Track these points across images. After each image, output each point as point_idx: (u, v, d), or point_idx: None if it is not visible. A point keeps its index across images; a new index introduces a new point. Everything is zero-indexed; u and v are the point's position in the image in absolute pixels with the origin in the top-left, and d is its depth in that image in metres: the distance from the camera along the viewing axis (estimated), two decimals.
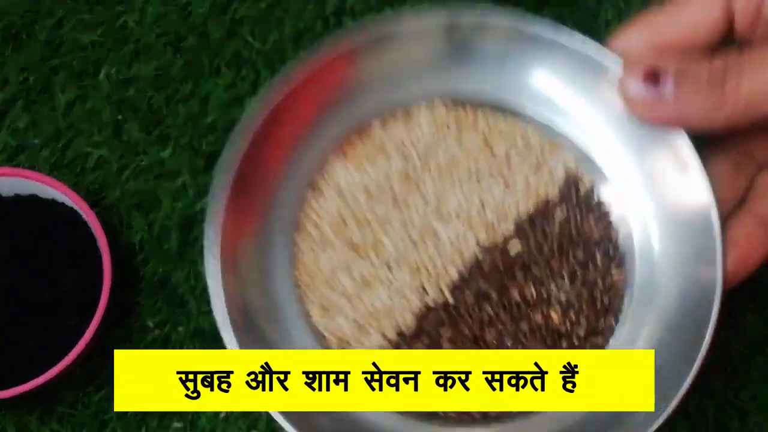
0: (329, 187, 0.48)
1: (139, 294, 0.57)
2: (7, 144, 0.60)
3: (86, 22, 0.62)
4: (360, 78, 0.48)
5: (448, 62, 0.48)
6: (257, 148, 0.46)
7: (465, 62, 0.48)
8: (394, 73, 0.48)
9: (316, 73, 0.46)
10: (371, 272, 0.47)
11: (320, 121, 0.47)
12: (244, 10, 0.62)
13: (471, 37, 0.47)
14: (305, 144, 0.48)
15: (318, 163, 0.48)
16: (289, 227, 0.47)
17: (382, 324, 0.46)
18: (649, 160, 0.46)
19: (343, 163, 0.48)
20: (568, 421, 0.45)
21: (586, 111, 0.47)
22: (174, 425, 0.54)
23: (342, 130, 0.48)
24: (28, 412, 0.55)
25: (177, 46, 0.61)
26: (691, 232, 0.44)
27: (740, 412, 0.53)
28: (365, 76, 0.48)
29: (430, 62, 0.48)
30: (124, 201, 0.58)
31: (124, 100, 0.60)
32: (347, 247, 0.47)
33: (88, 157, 0.59)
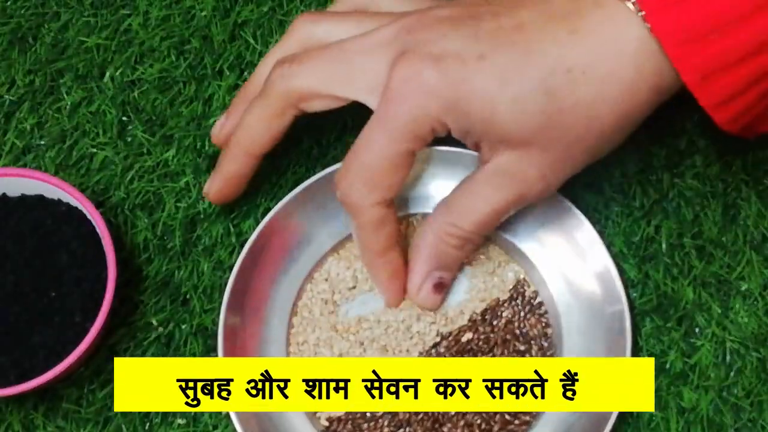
0: (322, 278, 0.56)
1: (142, 293, 0.57)
2: (13, 145, 0.60)
3: (91, 26, 0.63)
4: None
5: (432, 185, 0.57)
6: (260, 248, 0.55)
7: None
8: None
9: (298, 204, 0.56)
10: (348, 349, 0.55)
11: (318, 230, 0.56)
12: (247, 13, 0.62)
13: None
14: (305, 247, 0.56)
15: (317, 261, 0.56)
16: (288, 310, 0.56)
17: None
18: (577, 277, 0.55)
19: (336, 259, 0.56)
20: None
21: (534, 232, 0.55)
22: (177, 422, 0.55)
23: (338, 236, 0.56)
24: (33, 408, 0.55)
25: (180, 48, 0.62)
26: (607, 330, 0.53)
27: (735, 408, 0.53)
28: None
29: (422, 183, 0.57)
30: (129, 201, 0.59)
31: (128, 102, 0.61)
32: (330, 327, 0.55)
33: (93, 158, 0.60)
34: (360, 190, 0.50)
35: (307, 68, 0.51)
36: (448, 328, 0.55)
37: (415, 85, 0.48)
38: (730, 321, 0.54)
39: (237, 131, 0.54)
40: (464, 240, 0.52)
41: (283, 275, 0.56)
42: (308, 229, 0.56)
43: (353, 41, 0.51)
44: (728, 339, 0.54)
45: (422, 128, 0.49)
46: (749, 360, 0.54)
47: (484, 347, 0.54)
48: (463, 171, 0.53)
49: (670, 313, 0.55)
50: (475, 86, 0.47)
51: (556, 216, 0.54)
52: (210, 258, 0.57)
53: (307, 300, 0.56)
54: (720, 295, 0.55)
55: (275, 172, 0.59)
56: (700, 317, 0.55)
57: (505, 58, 0.47)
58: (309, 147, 0.59)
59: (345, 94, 0.51)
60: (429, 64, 0.47)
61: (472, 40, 0.48)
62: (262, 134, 0.53)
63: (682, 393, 0.53)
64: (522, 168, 0.49)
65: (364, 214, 0.51)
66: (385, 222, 0.51)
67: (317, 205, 0.56)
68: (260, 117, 0.53)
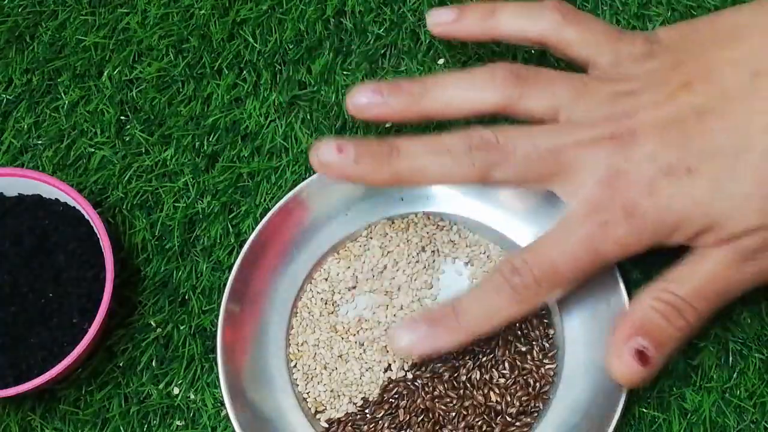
0: (321, 278, 0.56)
1: (141, 293, 0.57)
2: (11, 144, 0.60)
3: (89, 24, 0.62)
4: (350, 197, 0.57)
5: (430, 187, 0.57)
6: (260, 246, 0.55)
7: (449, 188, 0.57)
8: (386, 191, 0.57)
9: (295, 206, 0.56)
10: (348, 350, 0.54)
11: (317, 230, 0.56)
12: (246, 11, 0.62)
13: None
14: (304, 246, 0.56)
15: (317, 261, 0.56)
16: (287, 310, 0.55)
17: (353, 392, 0.54)
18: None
19: (336, 259, 0.56)
20: None
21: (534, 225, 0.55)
22: (176, 423, 0.54)
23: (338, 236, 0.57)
24: (30, 410, 0.55)
25: (179, 47, 0.62)
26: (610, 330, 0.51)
27: (738, 409, 0.53)
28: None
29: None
30: (127, 201, 0.59)
31: (126, 101, 0.61)
32: (330, 328, 0.55)
33: (91, 158, 0.60)
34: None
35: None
36: None
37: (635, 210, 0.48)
38: (733, 322, 0.54)
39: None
40: (676, 308, 0.49)
41: (282, 275, 0.56)
42: (308, 228, 0.56)
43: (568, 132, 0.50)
44: (731, 340, 0.54)
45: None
46: (752, 361, 0.53)
47: (486, 349, 0.54)
48: None
49: None
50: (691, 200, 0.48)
51: (555, 214, 0.54)
52: (209, 258, 0.57)
53: (307, 300, 0.56)
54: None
55: (274, 172, 0.58)
56: None
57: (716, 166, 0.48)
58: (308, 147, 0.59)
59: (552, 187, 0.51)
60: (645, 189, 0.48)
61: (682, 151, 0.48)
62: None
63: (684, 394, 0.53)
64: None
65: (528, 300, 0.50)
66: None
67: (317, 205, 0.56)
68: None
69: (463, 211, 0.57)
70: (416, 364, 0.54)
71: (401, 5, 0.62)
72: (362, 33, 0.62)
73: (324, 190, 0.55)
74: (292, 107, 0.60)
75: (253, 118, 0.60)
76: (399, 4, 0.62)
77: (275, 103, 0.60)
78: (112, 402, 0.55)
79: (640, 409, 0.53)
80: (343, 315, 0.55)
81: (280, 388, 0.54)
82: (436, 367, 0.54)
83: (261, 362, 0.54)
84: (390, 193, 0.57)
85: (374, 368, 0.54)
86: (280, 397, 0.54)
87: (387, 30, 0.62)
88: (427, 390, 0.53)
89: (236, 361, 0.53)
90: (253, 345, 0.54)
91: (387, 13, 0.62)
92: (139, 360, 0.55)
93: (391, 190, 0.57)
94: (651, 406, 0.53)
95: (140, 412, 0.55)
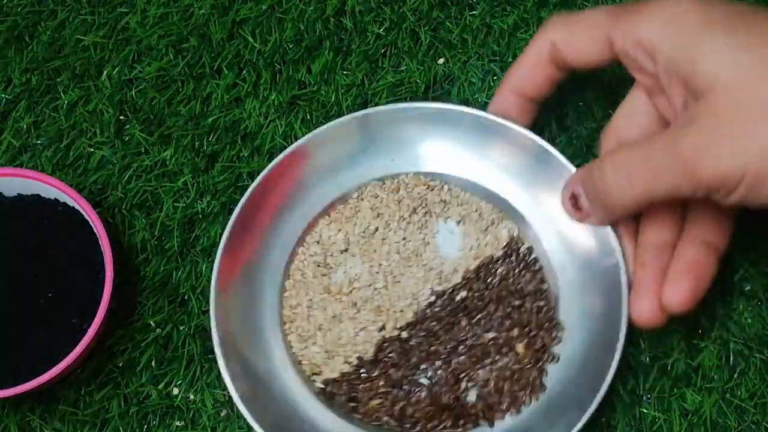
0: (313, 241, 0.57)
1: (140, 293, 0.57)
2: (10, 144, 0.60)
3: (88, 24, 0.62)
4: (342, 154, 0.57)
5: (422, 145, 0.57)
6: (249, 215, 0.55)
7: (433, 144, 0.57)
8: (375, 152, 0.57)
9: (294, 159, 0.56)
10: (342, 311, 0.55)
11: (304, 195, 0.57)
12: (245, 11, 0.62)
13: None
14: (296, 209, 0.56)
15: (308, 224, 0.57)
16: (280, 274, 0.56)
17: (347, 352, 0.54)
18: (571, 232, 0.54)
19: (327, 222, 0.57)
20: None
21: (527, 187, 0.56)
22: (175, 424, 0.54)
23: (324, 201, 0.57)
24: (30, 410, 0.55)
25: (178, 47, 0.62)
26: (602, 283, 0.53)
27: (738, 410, 0.53)
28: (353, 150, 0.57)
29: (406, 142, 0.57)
30: (126, 201, 0.58)
31: (126, 101, 0.61)
32: (323, 290, 0.55)
33: (91, 158, 0.60)
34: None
35: None
36: (443, 287, 0.55)
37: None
38: (734, 322, 0.54)
39: None
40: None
41: (274, 237, 0.56)
42: (298, 191, 0.56)
43: None
44: (732, 340, 0.54)
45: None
46: (753, 361, 0.53)
47: (479, 305, 0.54)
48: (452, 128, 0.55)
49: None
50: None
51: (549, 172, 0.54)
52: (208, 258, 0.57)
53: (299, 263, 0.56)
54: (723, 297, 0.55)
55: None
56: (703, 318, 0.54)
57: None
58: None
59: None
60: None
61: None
62: None
63: (685, 395, 0.53)
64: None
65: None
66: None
67: (307, 168, 0.56)
68: None
69: (454, 171, 0.57)
70: (410, 323, 0.54)
71: (401, 5, 0.62)
72: (362, 33, 0.62)
73: (315, 151, 0.56)
74: (292, 107, 0.60)
75: (253, 117, 0.60)
76: (399, 4, 0.62)
77: (275, 102, 0.60)
78: (111, 402, 0.55)
79: (641, 410, 0.53)
80: (336, 276, 0.56)
81: (275, 349, 0.54)
82: (431, 326, 0.54)
83: (254, 324, 0.55)
84: (380, 154, 0.57)
85: (368, 328, 0.54)
86: (274, 358, 0.54)
87: (387, 30, 0.61)
88: (422, 348, 0.53)
89: (230, 324, 0.53)
90: (246, 309, 0.54)
91: (387, 12, 0.62)
92: (138, 360, 0.55)
93: (381, 151, 0.57)
94: (651, 406, 0.53)
95: (140, 413, 0.55)
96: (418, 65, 0.61)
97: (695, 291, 0.48)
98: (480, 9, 0.62)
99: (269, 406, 0.52)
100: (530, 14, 0.61)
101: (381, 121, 0.56)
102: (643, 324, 0.49)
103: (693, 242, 0.50)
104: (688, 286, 0.48)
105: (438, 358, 0.54)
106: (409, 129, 0.56)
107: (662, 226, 0.51)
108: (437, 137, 0.56)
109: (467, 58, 0.61)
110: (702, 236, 0.50)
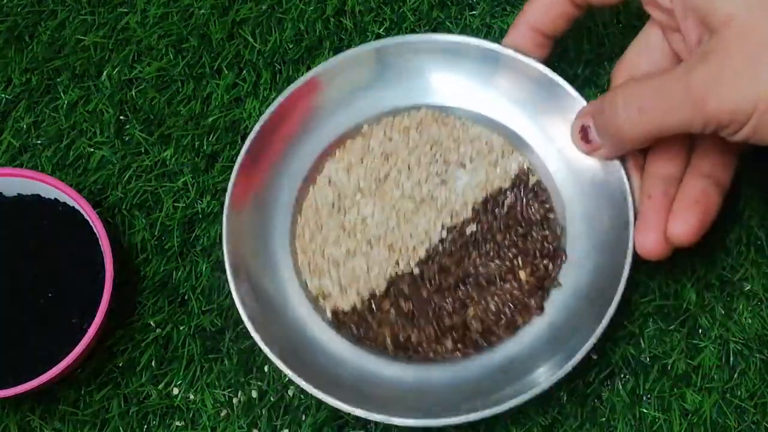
0: (325, 180, 0.57)
1: (140, 293, 0.57)
2: (10, 144, 0.60)
3: (88, 24, 0.62)
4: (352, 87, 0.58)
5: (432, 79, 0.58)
6: (263, 142, 0.55)
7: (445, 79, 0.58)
8: (386, 84, 0.58)
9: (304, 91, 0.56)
10: (355, 246, 0.55)
11: (316, 125, 0.57)
12: (245, 11, 0.62)
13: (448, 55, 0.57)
14: (307, 140, 0.57)
15: (315, 161, 0.57)
16: (290, 210, 0.56)
17: (360, 286, 0.55)
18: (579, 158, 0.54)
19: (337, 161, 0.57)
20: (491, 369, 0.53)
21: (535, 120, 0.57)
22: (175, 424, 0.54)
23: (335, 132, 0.57)
24: (30, 410, 0.55)
25: (178, 47, 0.62)
26: (609, 199, 0.53)
27: (738, 410, 0.53)
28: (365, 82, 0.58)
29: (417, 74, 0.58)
30: (126, 201, 0.58)
31: (126, 101, 0.61)
32: (338, 226, 0.56)
33: (91, 158, 0.59)
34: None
35: None
36: (453, 222, 0.56)
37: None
38: (734, 322, 0.54)
39: None
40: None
41: (285, 167, 0.56)
42: (311, 121, 0.57)
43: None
44: (732, 340, 0.54)
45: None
46: (753, 361, 0.53)
47: (488, 236, 0.55)
48: (464, 61, 0.56)
49: (673, 315, 0.54)
50: None
51: (559, 103, 0.55)
52: (208, 258, 0.57)
53: (312, 201, 0.57)
54: (723, 297, 0.55)
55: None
56: (703, 318, 0.54)
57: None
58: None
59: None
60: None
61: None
62: None
63: (685, 395, 0.53)
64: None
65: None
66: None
67: (319, 98, 0.57)
68: None
69: (465, 104, 0.58)
70: (422, 260, 0.55)
71: (401, 5, 0.62)
72: (362, 33, 0.62)
73: (328, 82, 0.56)
74: None
75: (253, 117, 0.60)
76: (399, 4, 0.62)
77: None
78: (111, 402, 0.55)
79: (641, 410, 0.53)
80: (349, 215, 0.56)
81: (285, 273, 0.55)
82: (442, 261, 0.55)
83: (265, 249, 0.55)
84: (392, 87, 0.58)
85: (382, 264, 0.55)
86: (285, 282, 0.55)
87: (387, 30, 0.61)
88: (433, 283, 0.54)
89: (240, 246, 0.54)
90: (257, 233, 0.55)
91: (387, 12, 0.62)
92: (138, 360, 0.55)
93: (393, 84, 0.58)
94: (651, 406, 0.53)
95: (140, 413, 0.54)
96: None
97: (701, 224, 0.49)
98: (480, 9, 0.62)
99: (277, 330, 0.53)
100: None
101: (394, 53, 0.57)
102: (647, 255, 0.50)
103: (699, 177, 0.50)
104: (694, 220, 0.49)
105: (448, 288, 0.54)
106: (421, 61, 0.57)
107: (669, 160, 0.51)
108: (448, 70, 0.57)
109: None
110: (708, 171, 0.50)
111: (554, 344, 0.52)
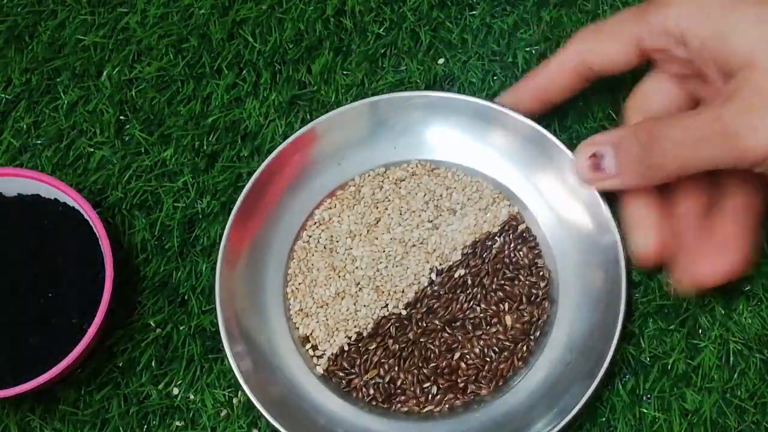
0: (317, 224, 0.58)
1: (140, 293, 0.57)
2: (10, 144, 0.60)
3: (88, 24, 0.62)
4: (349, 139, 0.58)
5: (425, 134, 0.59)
6: (258, 192, 0.56)
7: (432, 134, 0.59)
8: (378, 139, 0.59)
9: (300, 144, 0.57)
10: (344, 288, 0.56)
11: (310, 178, 0.58)
12: (245, 11, 0.62)
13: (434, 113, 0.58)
14: (302, 190, 0.58)
15: (313, 206, 0.58)
16: (284, 254, 0.57)
17: (348, 327, 0.56)
18: (569, 212, 0.56)
19: (330, 207, 0.58)
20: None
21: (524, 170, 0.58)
22: (175, 424, 0.54)
23: (329, 185, 0.58)
24: (30, 410, 0.55)
25: (178, 47, 0.62)
26: (603, 259, 0.54)
27: (738, 410, 0.53)
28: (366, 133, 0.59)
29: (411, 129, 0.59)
30: (126, 201, 0.58)
31: (126, 101, 0.61)
32: (328, 269, 0.57)
33: (91, 158, 0.60)
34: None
35: None
36: (443, 265, 0.56)
37: None
38: (734, 322, 0.54)
39: None
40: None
41: (279, 217, 0.57)
42: (306, 172, 0.58)
43: None
44: (731, 340, 0.54)
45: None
46: (753, 361, 0.53)
47: (475, 279, 0.56)
48: (456, 116, 0.57)
49: (673, 315, 0.54)
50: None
51: (546, 156, 0.56)
52: (208, 258, 0.57)
53: (304, 243, 0.57)
54: (723, 296, 0.55)
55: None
56: (703, 318, 0.54)
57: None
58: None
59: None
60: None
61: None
62: None
63: (685, 395, 0.53)
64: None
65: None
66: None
67: (310, 155, 0.57)
68: None
69: (457, 158, 0.58)
70: (411, 303, 0.56)
71: (401, 5, 0.62)
72: (362, 33, 0.62)
73: (324, 134, 0.57)
74: (292, 107, 0.60)
75: (253, 117, 0.60)
76: (399, 4, 0.62)
77: (275, 102, 0.60)
78: (111, 402, 0.55)
79: (641, 410, 0.53)
80: (339, 256, 0.57)
81: (277, 328, 0.56)
82: (430, 304, 0.56)
83: (258, 302, 0.56)
84: (385, 141, 0.58)
85: (370, 306, 0.56)
86: (277, 338, 0.56)
87: (387, 30, 0.61)
88: (420, 325, 0.55)
89: (234, 302, 0.54)
90: (250, 287, 0.56)
91: (387, 12, 0.62)
92: (138, 360, 0.55)
93: (387, 138, 0.58)
94: (651, 406, 0.53)
95: (140, 413, 0.54)
96: (418, 65, 0.61)
97: (740, 261, 0.50)
98: (480, 9, 0.62)
99: (270, 385, 0.53)
100: (530, 14, 0.61)
101: (389, 108, 0.57)
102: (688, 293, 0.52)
103: (734, 211, 0.51)
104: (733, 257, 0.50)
105: (435, 331, 0.55)
106: (415, 116, 0.58)
107: (697, 196, 0.52)
108: (442, 124, 0.58)
109: (467, 58, 0.61)
110: (742, 204, 0.51)
111: (551, 399, 0.52)
